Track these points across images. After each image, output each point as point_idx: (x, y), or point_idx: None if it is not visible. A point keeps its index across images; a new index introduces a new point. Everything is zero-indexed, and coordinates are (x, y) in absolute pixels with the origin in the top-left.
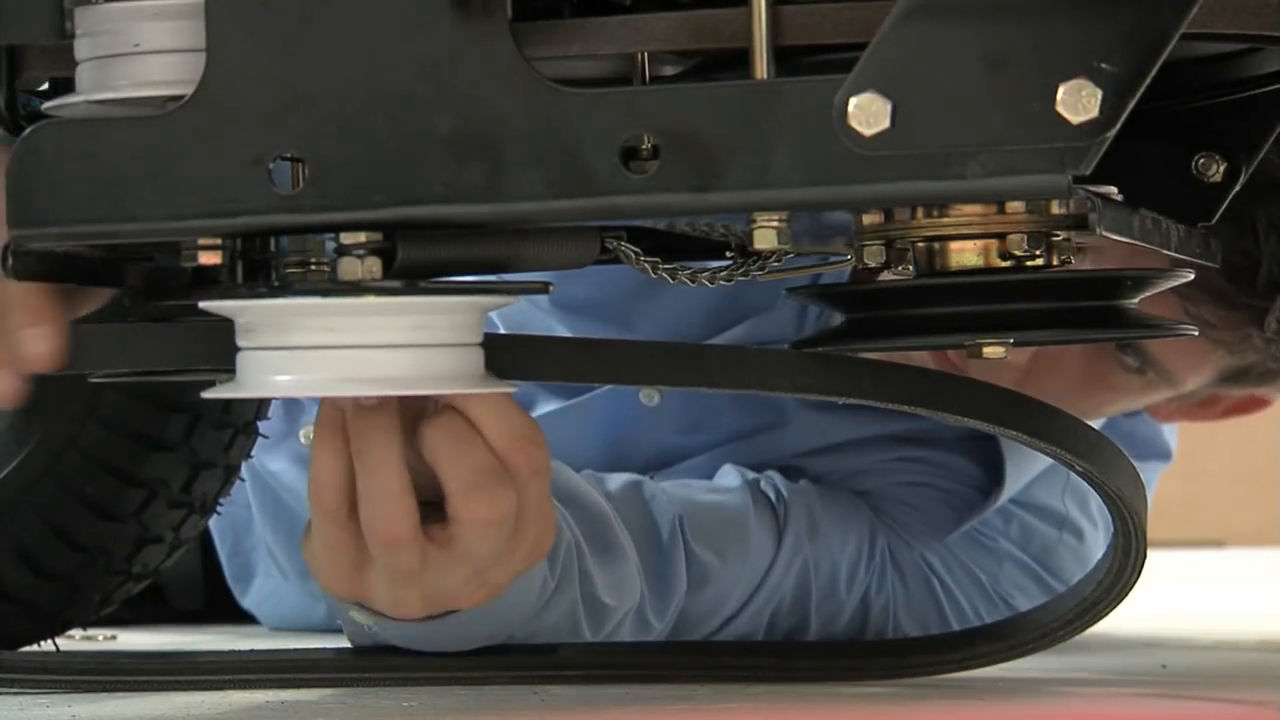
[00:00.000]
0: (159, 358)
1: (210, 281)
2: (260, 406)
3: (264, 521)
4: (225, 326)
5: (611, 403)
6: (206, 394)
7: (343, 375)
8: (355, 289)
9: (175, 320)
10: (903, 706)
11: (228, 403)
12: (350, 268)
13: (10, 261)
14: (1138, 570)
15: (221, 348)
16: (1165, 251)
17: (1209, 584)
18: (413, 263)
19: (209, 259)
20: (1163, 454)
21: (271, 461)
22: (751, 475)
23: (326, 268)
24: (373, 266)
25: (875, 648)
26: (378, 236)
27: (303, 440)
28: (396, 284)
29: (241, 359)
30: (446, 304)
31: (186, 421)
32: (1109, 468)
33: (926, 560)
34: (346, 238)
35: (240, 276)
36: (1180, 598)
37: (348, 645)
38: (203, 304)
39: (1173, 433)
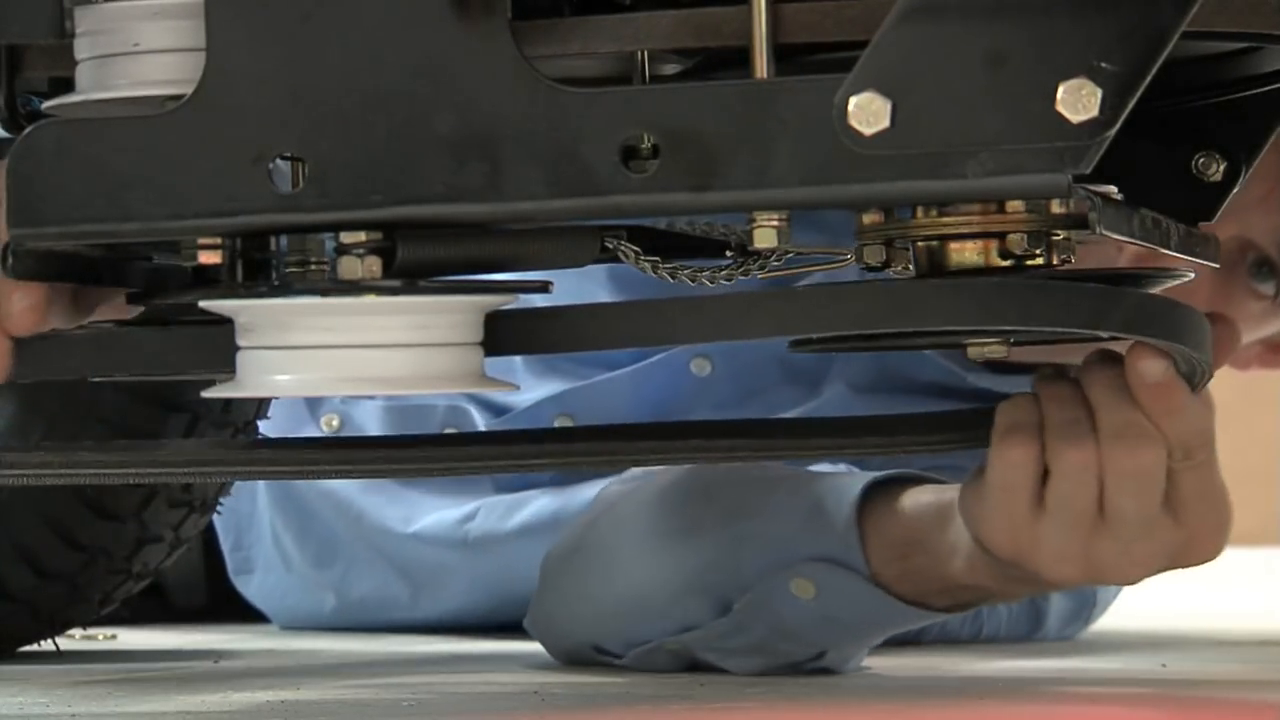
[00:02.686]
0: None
1: (210, 281)
2: (260, 406)
3: (274, 508)
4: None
5: (664, 372)
6: (206, 393)
7: (343, 375)
8: (355, 288)
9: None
10: (903, 706)
11: (227, 402)
12: (350, 267)
13: (10, 261)
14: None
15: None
16: (1165, 251)
17: (1209, 583)
18: (413, 262)
19: (209, 258)
20: None
21: None
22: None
23: (326, 267)
24: (373, 266)
25: (861, 425)
26: (378, 236)
27: (324, 427)
28: (396, 283)
29: (241, 358)
30: (446, 303)
31: (187, 420)
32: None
33: None
34: (346, 237)
35: (240, 276)
36: (1180, 597)
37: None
38: (203, 303)
39: None
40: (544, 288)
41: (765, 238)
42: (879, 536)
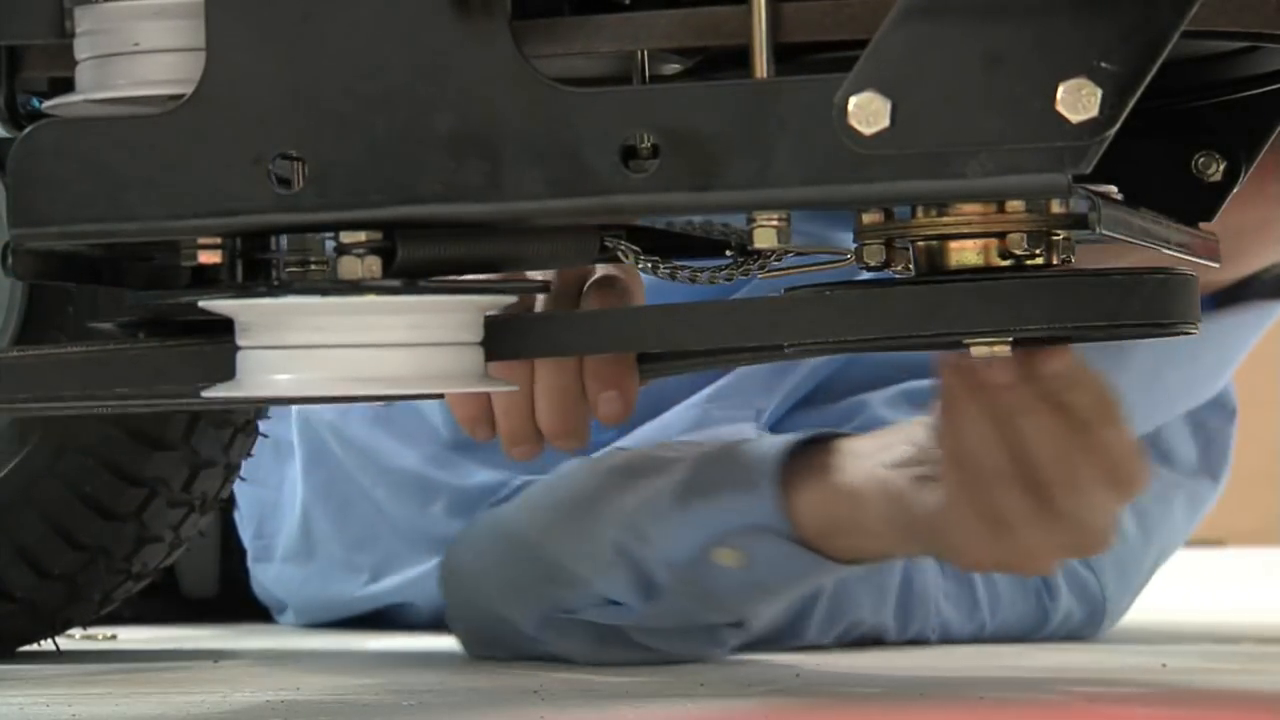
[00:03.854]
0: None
1: (210, 281)
2: (260, 405)
3: (312, 489)
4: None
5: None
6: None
7: (343, 374)
8: (355, 288)
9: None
10: (903, 705)
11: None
12: (350, 267)
13: (10, 261)
14: None
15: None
16: (1166, 250)
17: (1209, 582)
18: (413, 262)
19: (209, 258)
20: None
21: (347, 427)
22: None
23: (326, 267)
24: (372, 265)
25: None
26: (377, 235)
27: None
28: (396, 283)
29: (241, 358)
30: (446, 303)
31: (187, 420)
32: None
33: None
34: (346, 237)
35: (240, 276)
36: (1180, 597)
37: None
38: (202, 303)
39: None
40: (544, 288)
41: (765, 238)
42: (808, 509)
